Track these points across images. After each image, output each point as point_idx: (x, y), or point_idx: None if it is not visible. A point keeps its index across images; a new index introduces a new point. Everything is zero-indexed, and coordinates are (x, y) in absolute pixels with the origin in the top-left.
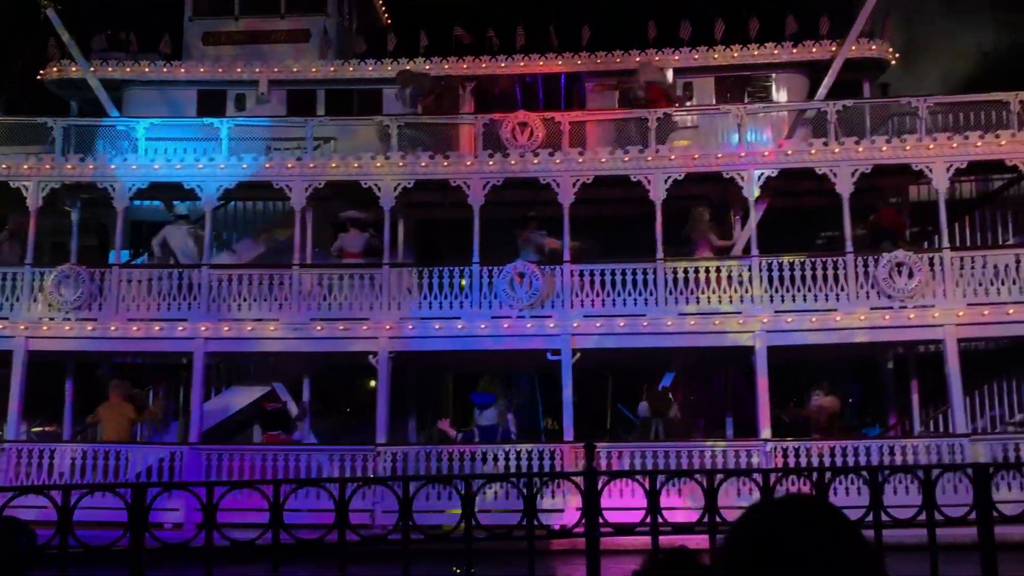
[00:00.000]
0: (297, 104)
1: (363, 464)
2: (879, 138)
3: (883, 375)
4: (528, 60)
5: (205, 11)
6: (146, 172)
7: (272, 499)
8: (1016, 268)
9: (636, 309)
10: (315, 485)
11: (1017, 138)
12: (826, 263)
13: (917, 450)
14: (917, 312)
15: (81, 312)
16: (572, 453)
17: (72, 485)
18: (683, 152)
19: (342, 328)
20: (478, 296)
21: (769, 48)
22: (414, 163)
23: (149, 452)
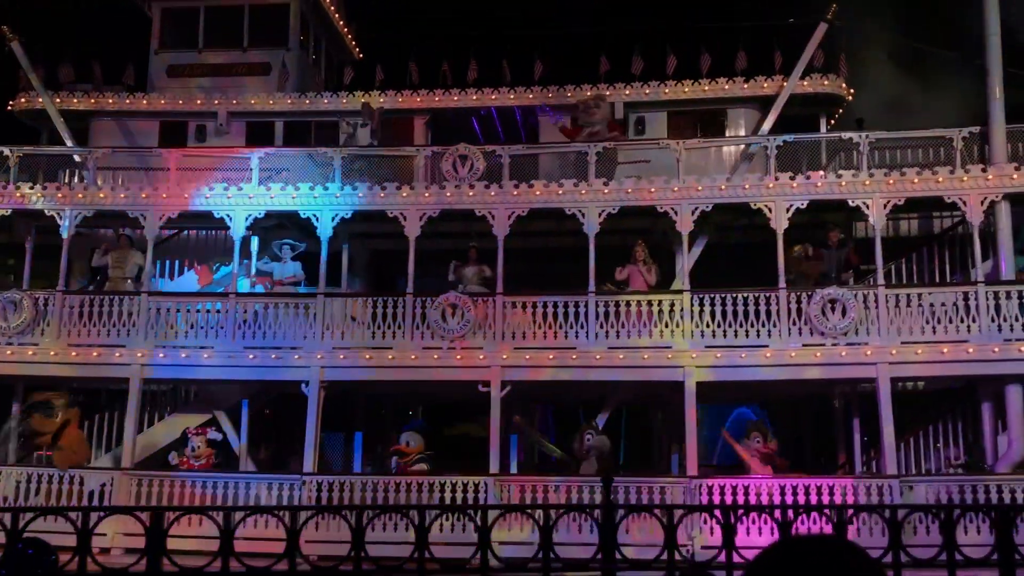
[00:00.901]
0: (256, 135)
1: (289, 493)
2: (814, 173)
3: (832, 413)
4: (481, 94)
5: (170, 44)
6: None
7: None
8: (954, 307)
9: (566, 342)
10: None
11: (956, 175)
12: (758, 298)
13: (848, 490)
14: (849, 349)
15: (24, 337)
16: (497, 486)
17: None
18: (617, 187)
19: (274, 357)
20: (410, 326)
21: (720, 83)
22: (352, 195)
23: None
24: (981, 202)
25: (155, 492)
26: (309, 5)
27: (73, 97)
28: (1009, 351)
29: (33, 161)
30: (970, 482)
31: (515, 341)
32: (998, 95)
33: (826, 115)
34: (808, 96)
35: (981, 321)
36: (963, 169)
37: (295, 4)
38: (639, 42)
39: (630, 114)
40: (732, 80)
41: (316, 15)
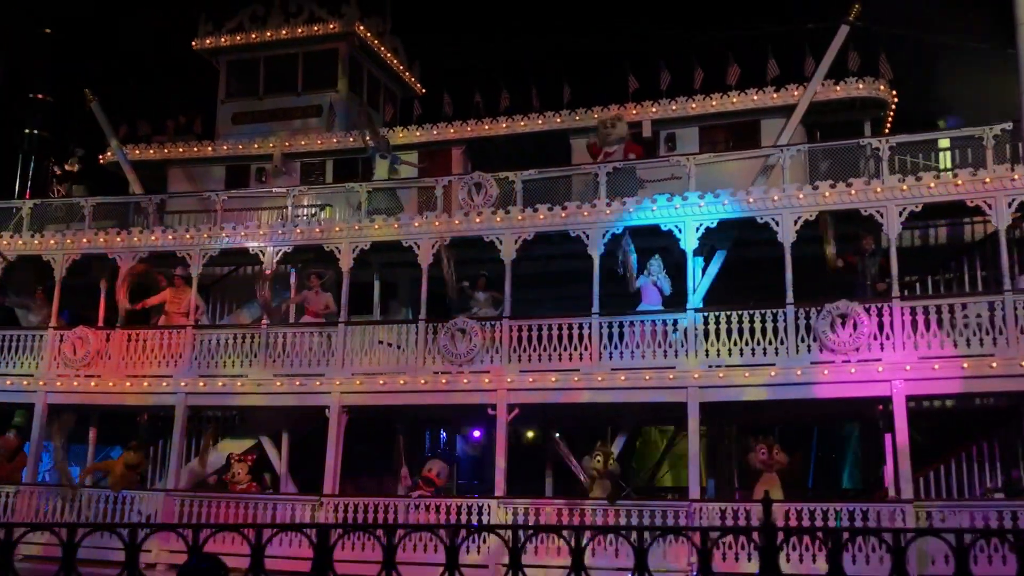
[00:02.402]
0: (309, 174)
1: (312, 513)
2: (823, 184)
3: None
4: (511, 121)
5: (235, 94)
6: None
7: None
8: (977, 319)
9: (570, 364)
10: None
11: (978, 177)
12: (765, 315)
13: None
14: (860, 367)
15: (90, 369)
16: (501, 509)
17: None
18: (620, 206)
19: (298, 384)
20: (422, 351)
21: (749, 94)
22: (368, 227)
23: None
24: (1009, 204)
25: (194, 512)
26: (359, 49)
27: (150, 149)
28: None
29: (107, 209)
30: (991, 508)
31: (521, 364)
32: None
33: (871, 119)
34: (844, 101)
35: (1009, 334)
36: (987, 170)
37: (343, 49)
38: (665, 57)
39: (660, 131)
40: (761, 90)
41: (368, 57)
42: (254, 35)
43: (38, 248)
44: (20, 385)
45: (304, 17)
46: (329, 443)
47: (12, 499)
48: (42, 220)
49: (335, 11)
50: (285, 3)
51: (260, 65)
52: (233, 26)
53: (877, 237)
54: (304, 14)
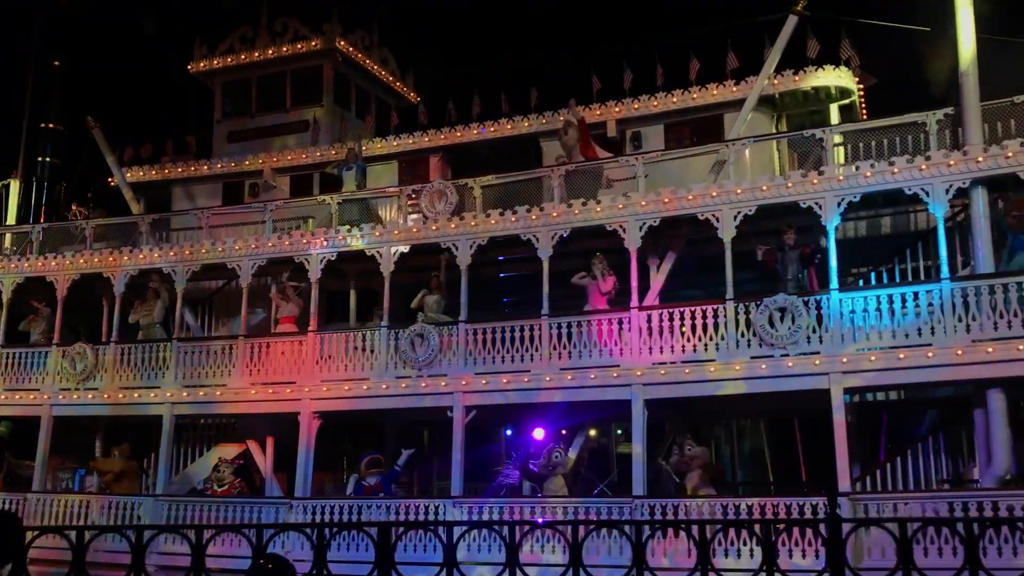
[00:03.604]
0: (298, 187)
1: (284, 514)
2: (761, 177)
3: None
4: (482, 127)
5: (230, 113)
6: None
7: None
8: (916, 308)
9: (522, 366)
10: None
11: (914, 164)
12: (706, 312)
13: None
14: (797, 360)
15: (87, 383)
16: (456, 508)
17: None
18: (566, 209)
19: (271, 392)
20: (384, 357)
21: (710, 89)
22: (334, 238)
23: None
24: (946, 191)
25: (181, 515)
26: (344, 64)
27: (152, 170)
28: (976, 353)
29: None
30: (923, 499)
31: (476, 367)
32: (971, 72)
33: (838, 107)
34: (807, 91)
35: (947, 323)
36: (922, 156)
37: (327, 65)
38: (627, 57)
39: (626, 130)
40: (722, 84)
41: (355, 70)
42: (244, 56)
43: (42, 270)
44: (27, 400)
45: (289, 36)
46: (300, 448)
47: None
48: (53, 242)
49: (318, 29)
50: (271, 23)
51: (252, 85)
52: (225, 48)
53: (812, 229)
54: (289, 33)
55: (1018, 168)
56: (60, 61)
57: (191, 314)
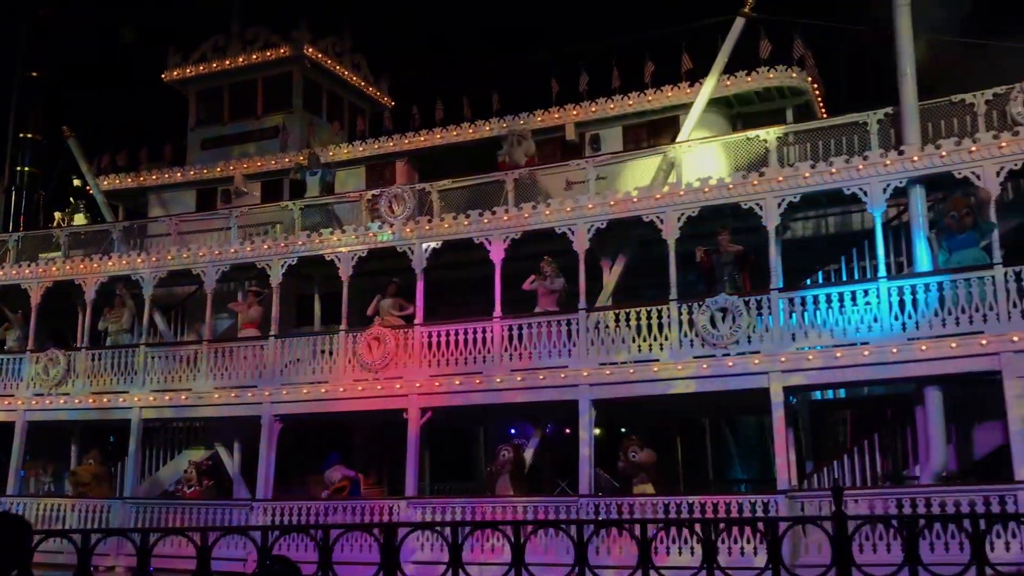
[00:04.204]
0: (269, 193)
1: (246, 516)
2: (703, 179)
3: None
4: (445, 131)
5: (204, 121)
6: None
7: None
8: (853, 307)
9: (474, 367)
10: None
11: (852, 164)
12: (650, 312)
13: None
14: (738, 359)
15: (60, 388)
16: (410, 508)
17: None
18: (517, 213)
19: (234, 396)
20: (343, 361)
21: (665, 91)
22: (293, 244)
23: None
24: (883, 190)
25: (146, 517)
26: (313, 70)
27: (128, 178)
28: (911, 352)
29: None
30: (859, 496)
31: (431, 369)
32: (909, 71)
33: (792, 107)
34: (761, 92)
35: (883, 321)
36: (860, 156)
37: (296, 72)
38: (585, 60)
39: (585, 132)
40: (676, 86)
41: (326, 76)
42: (216, 64)
43: (16, 277)
44: (2, 405)
45: (259, 44)
46: (261, 451)
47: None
48: (32, 250)
49: (287, 37)
50: (242, 32)
51: (224, 92)
52: (198, 57)
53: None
54: (259, 41)
55: (953, 167)
56: (39, 72)
57: (162, 320)
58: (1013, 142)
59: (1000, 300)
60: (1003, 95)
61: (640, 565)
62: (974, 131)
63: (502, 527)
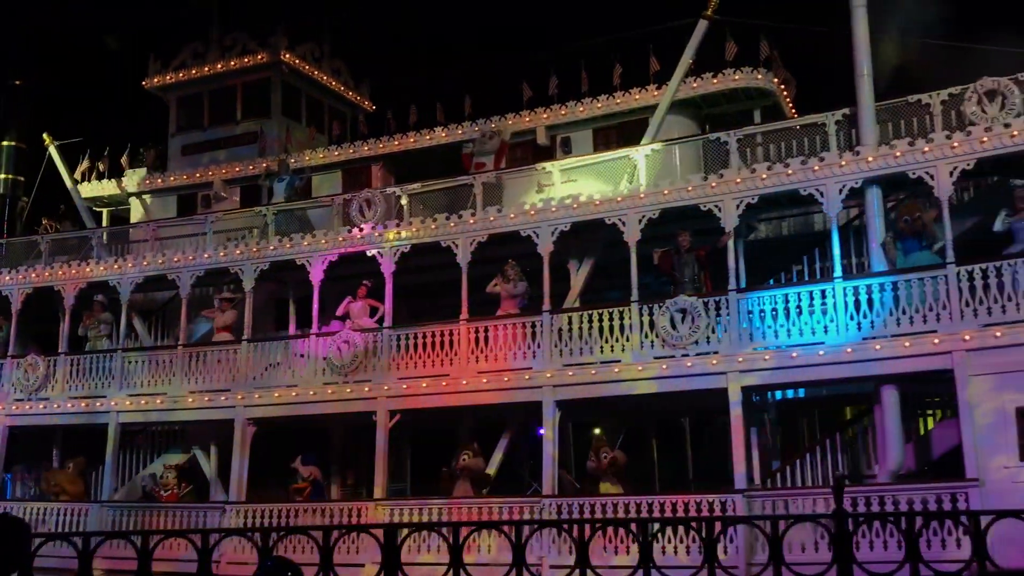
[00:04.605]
0: (248, 198)
1: (218, 519)
2: (663, 182)
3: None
4: (418, 136)
5: (184, 127)
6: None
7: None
8: (810, 307)
9: (441, 370)
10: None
11: (808, 165)
12: (612, 314)
13: (691, 505)
14: (697, 360)
15: (39, 392)
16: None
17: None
18: (483, 217)
19: (207, 399)
20: (313, 365)
21: (632, 94)
22: (264, 248)
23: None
24: (839, 191)
25: (124, 520)
26: (292, 75)
27: (110, 184)
28: (866, 351)
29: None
30: (807, 495)
31: (399, 372)
32: (866, 72)
33: (760, 108)
34: (727, 93)
35: (838, 322)
36: (816, 158)
37: (274, 77)
38: (555, 63)
39: (556, 136)
40: (644, 89)
41: (305, 81)
42: (195, 71)
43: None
44: None
45: (237, 50)
46: (234, 454)
47: None
48: (15, 257)
49: (265, 43)
50: (221, 38)
51: (204, 98)
52: (178, 64)
53: (709, 232)
54: (237, 48)
55: (907, 167)
56: (21, 80)
57: (142, 325)
58: (965, 142)
59: (953, 299)
60: (958, 95)
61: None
62: (931, 131)
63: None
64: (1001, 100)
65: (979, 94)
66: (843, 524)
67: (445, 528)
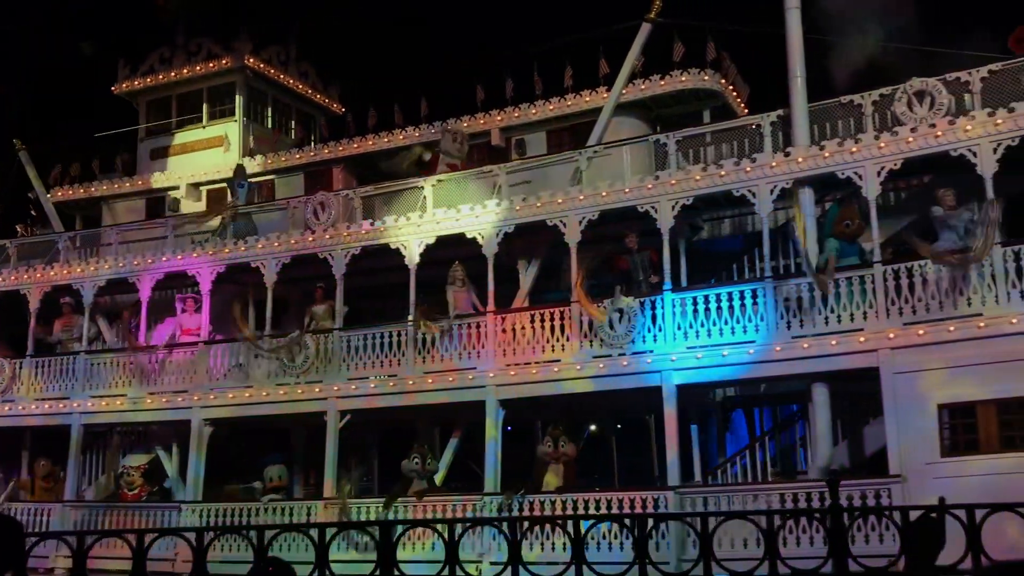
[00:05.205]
0: (214, 200)
1: (174, 518)
2: (602, 184)
3: None
4: (377, 138)
5: (153, 131)
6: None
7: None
8: (742, 307)
9: (390, 370)
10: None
11: (740, 167)
12: (554, 315)
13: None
14: (633, 359)
15: (5, 395)
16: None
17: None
18: (431, 218)
19: (165, 401)
20: (266, 365)
21: (583, 96)
22: (220, 252)
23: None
24: (771, 192)
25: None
26: (257, 79)
27: (80, 188)
28: (794, 350)
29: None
30: (737, 492)
31: (350, 372)
32: (798, 73)
33: (710, 109)
34: (675, 94)
35: (768, 320)
36: (748, 159)
37: (239, 81)
38: (509, 66)
39: (511, 137)
40: (594, 91)
41: (271, 85)
42: (162, 76)
43: None
44: None
45: (203, 55)
46: (191, 454)
47: None
48: None
49: (228, 47)
50: (187, 43)
51: (172, 103)
52: (146, 68)
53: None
54: (203, 52)
55: (836, 167)
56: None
57: (107, 327)
58: (892, 142)
59: (879, 298)
60: (889, 95)
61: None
62: (863, 132)
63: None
64: (930, 100)
65: (909, 95)
66: (838, 518)
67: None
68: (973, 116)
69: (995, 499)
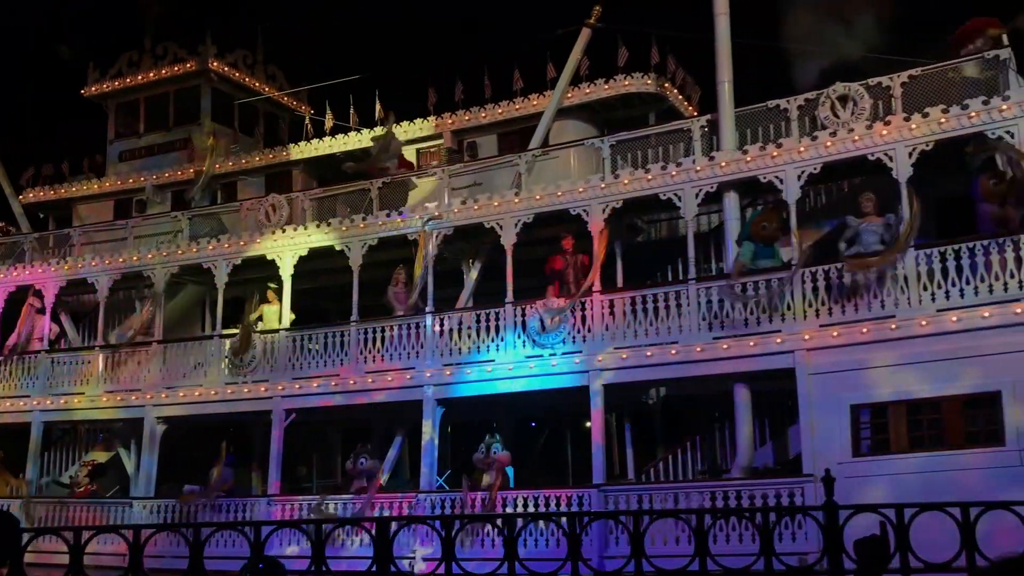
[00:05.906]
0: (179, 203)
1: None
2: (536, 187)
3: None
4: (333, 140)
5: (122, 134)
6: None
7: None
8: (665, 308)
9: (333, 370)
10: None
11: (667, 171)
12: (489, 315)
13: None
14: (561, 359)
15: None
16: (271, 506)
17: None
18: (373, 221)
19: (119, 399)
20: (217, 364)
21: (531, 100)
22: (173, 253)
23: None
24: (696, 195)
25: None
26: (222, 82)
27: (51, 190)
28: (714, 351)
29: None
30: (659, 491)
31: (295, 371)
32: (726, 78)
33: (655, 112)
34: (618, 98)
35: (691, 321)
36: (674, 163)
37: (204, 85)
38: (459, 69)
39: (463, 140)
40: (541, 95)
41: (236, 88)
42: (130, 79)
43: None
44: None
45: (169, 59)
46: (144, 451)
47: None
48: None
49: (193, 50)
50: (154, 47)
51: (140, 106)
52: (115, 72)
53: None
54: (169, 56)
55: (758, 171)
56: None
57: (72, 327)
58: (812, 146)
59: (796, 300)
60: (814, 100)
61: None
62: (788, 136)
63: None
64: (852, 105)
65: (832, 99)
66: (833, 516)
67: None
68: (889, 121)
69: (904, 499)
